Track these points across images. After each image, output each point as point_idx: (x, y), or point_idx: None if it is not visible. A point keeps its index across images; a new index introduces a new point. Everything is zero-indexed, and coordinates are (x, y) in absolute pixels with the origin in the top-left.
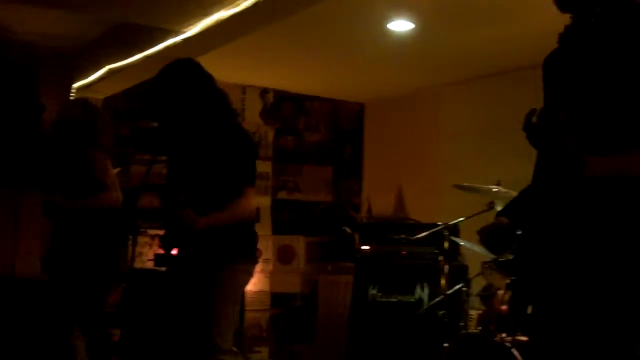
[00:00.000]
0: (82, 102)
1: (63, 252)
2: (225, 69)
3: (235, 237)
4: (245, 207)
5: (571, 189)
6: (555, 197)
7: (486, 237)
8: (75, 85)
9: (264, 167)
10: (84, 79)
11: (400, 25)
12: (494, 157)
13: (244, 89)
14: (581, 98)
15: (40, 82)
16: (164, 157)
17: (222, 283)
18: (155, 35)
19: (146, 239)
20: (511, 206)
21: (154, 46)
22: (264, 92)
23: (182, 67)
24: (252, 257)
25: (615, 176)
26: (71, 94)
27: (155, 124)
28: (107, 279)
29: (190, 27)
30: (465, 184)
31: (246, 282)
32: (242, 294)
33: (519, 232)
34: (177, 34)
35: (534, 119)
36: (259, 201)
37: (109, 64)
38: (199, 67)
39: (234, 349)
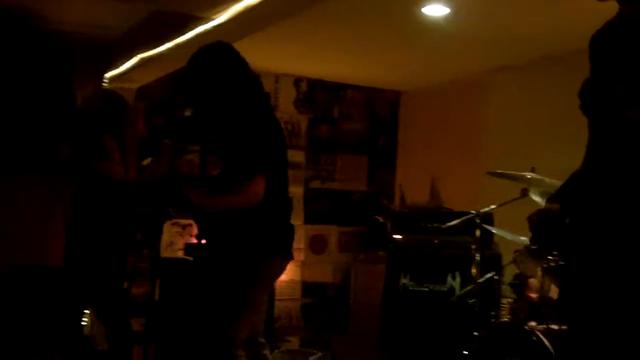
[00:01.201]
0: (106, 93)
1: (77, 237)
2: (258, 57)
3: (270, 231)
4: (249, 193)
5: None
6: (612, 181)
7: (536, 226)
8: (108, 75)
9: (296, 156)
10: (116, 68)
11: (435, 10)
12: (528, 145)
13: (277, 77)
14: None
15: (75, 72)
16: (195, 147)
17: (253, 277)
18: (185, 23)
19: (177, 229)
20: (562, 191)
21: (184, 34)
22: (297, 80)
23: (216, 50)
24: (287, 254)
25: None
26: (104, 84)
27: (189, 114)
28: (120, 261)
29: (221, 13)
30: (498, 171)
31: (277, 276)
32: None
33: (568, 221)
34: (207, 20)
35: (591, 87)
36: (291, 190)
37: (140, 52)
38: (232, 51)
39: (262, 340)
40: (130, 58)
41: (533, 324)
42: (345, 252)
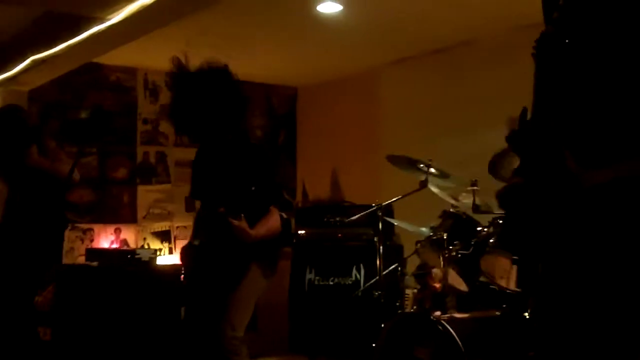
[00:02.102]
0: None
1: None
2: (154, 55)
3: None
4: (277, 222)
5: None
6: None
7: (502, 197)
8: None
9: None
10: (8, 70)
11: (329, 7)
12: (424, 136)
13: None
14: (581, 95)
15: None
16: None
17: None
18: (79, 23)
19: (78, 234)
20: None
21: (78, 35)
22: None
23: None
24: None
25: (617, 179)
26: None
27: (85, 115)
28: (32, 270)
29: (115, 14)
30: (396, 155)
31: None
32: None
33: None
34: (101, 21)
35: (517, 126)
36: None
37: (32, 54)
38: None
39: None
40: (22, 60)
41: (438, 313)
42: None
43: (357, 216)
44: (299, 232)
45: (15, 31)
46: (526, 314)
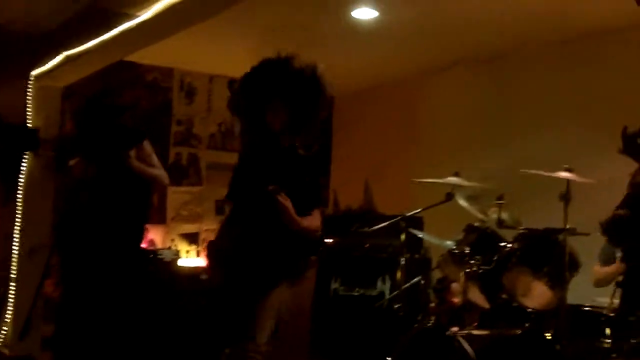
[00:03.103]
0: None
1: None
2: (192, 58)
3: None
4: (319, 224)
5: None
6: None
7: (607, 228)
8: (34, 72)
9: (230, 159)
10: (41, 66)
11: (365, 13)
12: (453, 148)
13: (211, 78)
14: None
15: None
16: None
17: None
18: (110, 19)
19: None
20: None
21: (108, 31)
22: (231, 82)
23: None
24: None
25: None
26: (29, 82)
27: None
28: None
29: (145, 10)
30: (422, 180)
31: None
32: None
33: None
34: (131, 17)
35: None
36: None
37: (65, 50)
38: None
39: None
40: (56, 55)
41: (455, 329)
42: None
43: (379, 226)
44: (326, 240)
45: (48, 25)
46: (547, 334)
